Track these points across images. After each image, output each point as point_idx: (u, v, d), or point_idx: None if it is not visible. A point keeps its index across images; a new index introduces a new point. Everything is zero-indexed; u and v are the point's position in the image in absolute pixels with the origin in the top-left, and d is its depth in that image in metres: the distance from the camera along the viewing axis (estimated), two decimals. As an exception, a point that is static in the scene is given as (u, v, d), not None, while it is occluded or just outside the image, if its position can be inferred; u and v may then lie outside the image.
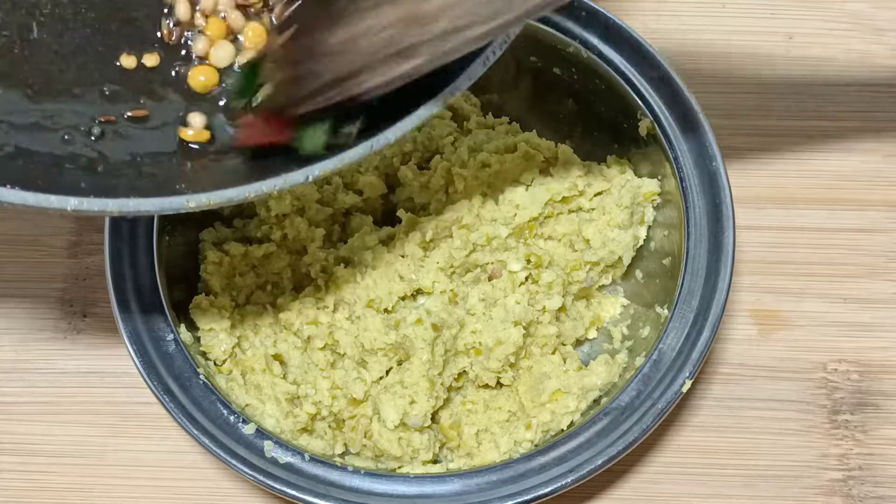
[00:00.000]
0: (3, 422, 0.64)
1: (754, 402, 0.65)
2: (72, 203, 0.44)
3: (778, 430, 0.64)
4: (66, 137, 0.49)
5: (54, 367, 0.65)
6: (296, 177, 0.46)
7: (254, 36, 0.52)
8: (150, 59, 0.52)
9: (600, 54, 0.61)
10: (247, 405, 0.57)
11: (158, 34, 0.52)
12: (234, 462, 0.54)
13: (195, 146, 0.50)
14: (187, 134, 0.50)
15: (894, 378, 0.65)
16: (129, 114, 0.50)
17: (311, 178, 0.46)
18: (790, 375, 0.65)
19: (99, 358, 0.65)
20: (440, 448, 0.59)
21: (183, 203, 0.45)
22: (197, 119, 0.50)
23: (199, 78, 0.51)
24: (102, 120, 0.50)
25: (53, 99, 0.50)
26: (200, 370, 0.56)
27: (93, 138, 0.49)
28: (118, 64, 0.51)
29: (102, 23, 0.52)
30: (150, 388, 0.55)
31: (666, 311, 0.58)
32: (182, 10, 0.52)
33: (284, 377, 0.58)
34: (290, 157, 0.47)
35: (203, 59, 0.52)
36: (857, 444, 0.64)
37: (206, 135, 0.50)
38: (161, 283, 0.57)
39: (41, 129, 0.48)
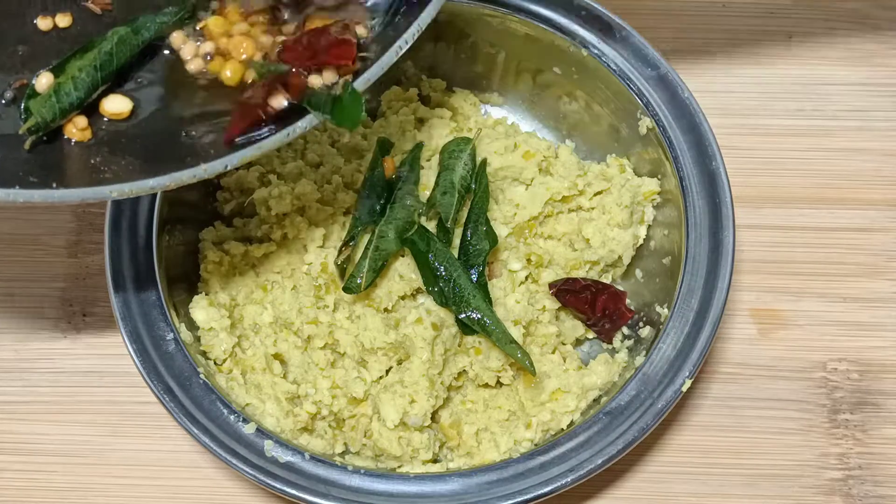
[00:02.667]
0: (3, 422, 0.64)
1: (754, 401, 0.65)
2: None
3: (778, 430, 0.64)
4: None
5: (54, 366, 0.65)
6: (215, 165, 0.46)
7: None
8: (63, 20, 0.49)
9: (600, 54, 0.61)
10: (247, 404, 0.57)
11: None
12: (234, 461, 0.54)
13: (111, 119, 0.49)
14: (105, 108, 0.48)
15: (894, 377, 0.65)
16: None
17: (229, 166, 0.46)
18: (790, 375, 0.65)
19: (99, 358, 0.65)
20: (440, 447, 0.59)
21: (106, 193, 0.45)
22: (118, 97, 0.49)
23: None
24: (15, 85, 0.48)
25: None
26: (200, 370, 0.56)
27: (3, 102, 0.48)
28: (34, 24, 0.49)
29: None
30: (150, 388, 0.55)
31: (666, 311, 0.58)
32: None
33: (284, 377, 0.58)
34: (210, 145, 0.47)
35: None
36: (856, 444, 0.64)
37: (128, 106, 0.49)
38: (161, 283, 0.57)
39: None
